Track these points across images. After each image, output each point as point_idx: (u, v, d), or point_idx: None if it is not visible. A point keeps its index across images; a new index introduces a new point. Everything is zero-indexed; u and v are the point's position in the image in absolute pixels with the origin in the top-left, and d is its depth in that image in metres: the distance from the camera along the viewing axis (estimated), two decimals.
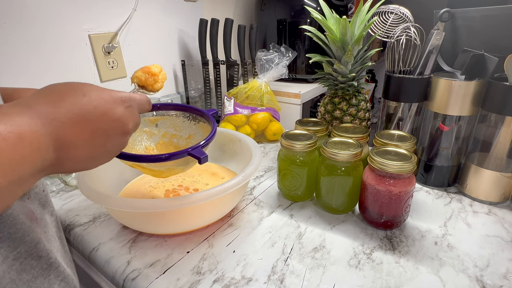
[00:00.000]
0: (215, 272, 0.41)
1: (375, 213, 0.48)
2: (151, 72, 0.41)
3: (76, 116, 0.25)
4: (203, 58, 0.94)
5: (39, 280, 0.32)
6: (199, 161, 0.37)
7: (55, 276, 0.34)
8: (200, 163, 0.37)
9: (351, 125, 0.61)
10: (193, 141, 0.47)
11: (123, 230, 0.49)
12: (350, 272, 0.41)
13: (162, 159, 0.37)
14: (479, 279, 0.40)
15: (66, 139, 0.25)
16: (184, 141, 0.48)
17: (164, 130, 0.48)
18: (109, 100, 0.28)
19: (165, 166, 0.41)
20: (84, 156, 0.27)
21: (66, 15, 0.69)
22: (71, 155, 0.26)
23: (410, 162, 0.44)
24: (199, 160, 0.37)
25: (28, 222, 0.32)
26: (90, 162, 0.28)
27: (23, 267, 0.30)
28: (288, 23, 0.98)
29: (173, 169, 0.42)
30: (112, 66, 0.80)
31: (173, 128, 0.48)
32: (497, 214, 0.52)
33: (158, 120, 0.48)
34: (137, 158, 0.37)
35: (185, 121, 0.48)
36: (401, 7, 0.60)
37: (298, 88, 0.94)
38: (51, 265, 0.33)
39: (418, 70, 0.59)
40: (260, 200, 0.58)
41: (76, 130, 0.25)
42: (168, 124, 0.48)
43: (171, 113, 0.48)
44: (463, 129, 0.57)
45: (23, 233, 0.31)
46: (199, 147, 0.38)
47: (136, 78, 0.40)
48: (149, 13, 0.86)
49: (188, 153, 0.37)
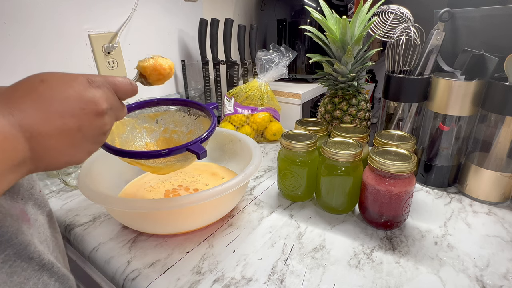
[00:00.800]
0: (215, 272, 0.41)
1: (375, 213, 0.48)
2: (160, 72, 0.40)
3: (36, 103, 0.24)
4: (203, 58, 0.94)
5: (32, 282, 0.31)
6: (198, 157, 0.36)
7: (49, 277, 0.33)
8: (199, 159, 0.36)
9: (351, 125, 0.61)
10: (194, 137, 0.46)
11: (123, 230, 0.49)
12: (350, 272, 0.41)
13: (160, 154, 0.36)
14: (479, 279, 0.40)
15: (34, 127, 0.24)
16: (185, 137, 0.47)
17: (164, 126, 0.48)
18: (71, 82, 0.27)
19: (164, 162, 0.40)
20: (62, 145, 0.26)
21: (66, 15, 0.69)
22: (47, 144, 0.25)
23: (410, 162, 0.44)
24: (198, 155, 0.36)
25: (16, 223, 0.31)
26: (72, 151, 0.27)
27: (14, 269, 0.30)
28: (288, 23, 0.98)
29: (172, 165, 0.41)
30: (112, 66, 0.80)
31: (173, 123, 0.48)
32: (497, 214, 0.52)
33: (158, 116, 0.47)
34: (134, 155, 0.36)
35: (185, 116, 0.47)
36: (401, 7, 0.60)
37: (298, 88, 0.94)
38: (43, 266, 0.33)
39: (418, 70, 0.59)
40: (260, 200, 0.58)
41: (41, 116, 0.24)
42: (168, 119, 0.48)
43: (171, 109, 0.47)
44: (463, 129, 0.57)
45: (10, 235, 0.30)
46: (198, 142, 0.37)
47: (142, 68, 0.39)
48: (149, 13, 0.86)
49: (187, 148, 0.36)
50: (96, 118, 0.28)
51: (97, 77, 0.29)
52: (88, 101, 0.27)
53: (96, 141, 0.29)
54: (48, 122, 0.25)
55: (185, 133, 0.47)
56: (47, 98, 0.25)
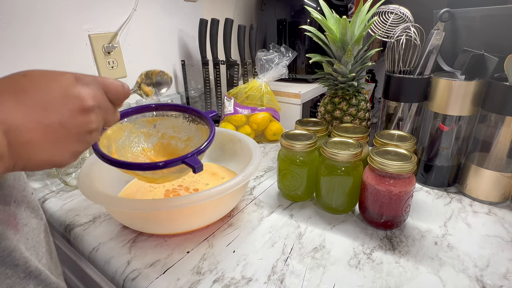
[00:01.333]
0: (215, 272, 0.41)
1: (375, 213, 0.48)
2: None
3: (16, 95, 0.23)
4: (203, 58, 0.94)
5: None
6: (194, 170, 0.35)
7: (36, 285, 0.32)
8: (195, 173, 0.36)
9: (351, 125, 0.61)
10: (192, 144, 0.46)
11: (123, 230, 0.49)
12: (350, 272, 0.41)
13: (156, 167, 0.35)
14: (479, 279, 0.40)
15: (12, 120, 0.23)
16: (183, 143, 0.47)
17: (162, 131, 0.47)
18: (57, 77, 0.26)
19: (159, 174, 0.40)
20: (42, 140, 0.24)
21: (66, 15, 0.69)
22: (25, 139, 0.23)
23: (410, 162, 0.44)
24: (194, 169, 0.35)
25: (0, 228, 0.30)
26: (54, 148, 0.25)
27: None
28: (288, 23, 0.98)
29: (167, 176, 0.41)
30: (112, 66, 0.80)
31: (172, 129, 0.47)
32: (497, 214, 0.52)
33: (157, 120, 0.46)
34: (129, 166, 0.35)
35: (184, 122, 0.46)
36: (401, 7, 0.60)
37: (298, 88, 0.94)
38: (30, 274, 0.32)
39: (418, 70, 0.59)
40: (260, 200, 0.58)
41: (21, 109, 0.23)
42: (167, 125, 0.47)
43: (170, 114, 0.47)
44: (463, 129, 0.57)
45: None
46: (194, 155, 0.36)
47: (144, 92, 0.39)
48: (149, 13, 0.86)
49: (183, 161, 0.36)
50: (81, 115, 0.26)
51: (86, 76, 0.28)
52: (73, 97, 0.26)
53: (81, 140, 0.27)
54: (27, 115, 0.23)
55: (183, 140, 0.47)
56: (28, 90, 0.24)
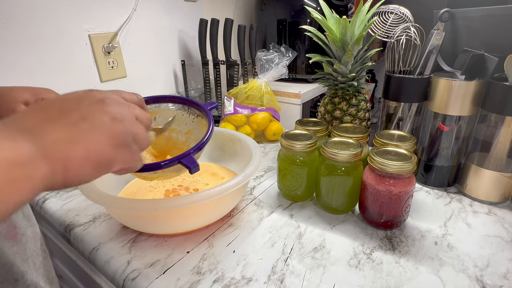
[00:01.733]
0: (215, 272, 0.41)
1: (375, 213, 0.48)
2: None
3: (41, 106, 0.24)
4: (203, 58, 0.94)
5: None
6: (190, 171, 0.35)
7: None
8: (191, 173, 0.36)
9: (351, 125, 0.61)
10: (192, 137, 0.46)
11: (123, 230, 0.49)
12: (350, 272, 0.41)
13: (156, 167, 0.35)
14: (479, 279, 0.40)
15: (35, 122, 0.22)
16: (184, 136, 0.47)
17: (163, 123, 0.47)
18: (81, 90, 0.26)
19: (157, 173, 0.40)
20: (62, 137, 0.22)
21: (66, 15, 0.69)
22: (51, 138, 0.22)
23: (410, 162, 0.44)
24: (190, 169, 0.35)
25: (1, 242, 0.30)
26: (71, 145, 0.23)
27: None
28: (288, 23, 0.98)
29: (165, 175, 0.41)
30: (112, 66, 0.80)
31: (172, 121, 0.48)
32: (497, 214, 0.52)
33: (157, 113, 0.47)
34: None
35: (184, 114, 0.47)
36: (401, 7, 0.60)
37: (298, 88, 0.94)
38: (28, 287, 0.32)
39: (418, 70, 0.59)
40: (260, 200, 0.58)
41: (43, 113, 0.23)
42: (167, 117, 0.47)
43: (170, 107, 0.47)
44: (463, 129, 0.57)
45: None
46: (190, 155, 0.36)
47: None
48: (149, 13, 0.86)
49: (179, 162, 0.36)
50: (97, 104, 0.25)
51: None
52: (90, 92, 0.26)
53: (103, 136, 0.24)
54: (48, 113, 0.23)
55: (183, 133, 0.47)
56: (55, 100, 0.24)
